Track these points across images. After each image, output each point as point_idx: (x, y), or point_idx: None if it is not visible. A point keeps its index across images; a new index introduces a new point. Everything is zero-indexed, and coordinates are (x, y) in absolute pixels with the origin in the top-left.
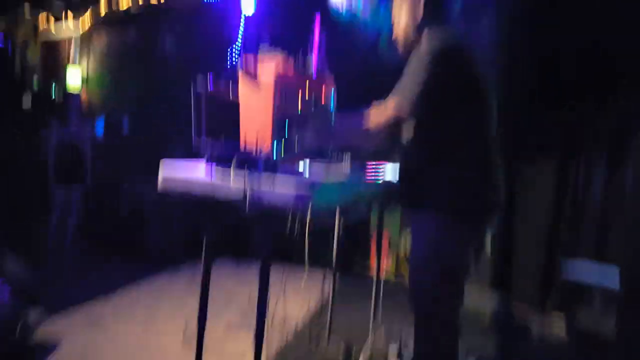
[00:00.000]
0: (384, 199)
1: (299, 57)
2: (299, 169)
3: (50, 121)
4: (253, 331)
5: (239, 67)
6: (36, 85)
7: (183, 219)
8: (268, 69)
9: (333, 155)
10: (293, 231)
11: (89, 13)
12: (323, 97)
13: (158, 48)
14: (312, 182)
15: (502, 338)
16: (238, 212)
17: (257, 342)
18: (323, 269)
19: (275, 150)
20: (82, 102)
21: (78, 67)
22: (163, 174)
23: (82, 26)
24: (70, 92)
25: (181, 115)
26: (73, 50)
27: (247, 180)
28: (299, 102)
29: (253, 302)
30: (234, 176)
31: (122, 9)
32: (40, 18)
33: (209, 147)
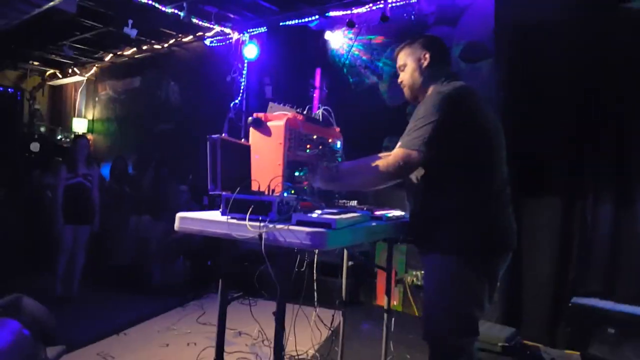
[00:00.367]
0: (393, 235)
1: (307, 110)
2: (312, 215)
3: (58, 165)
4: None
5: (249, 123)
6: (44, 129)
7: (190, 257)
8: (278, 119)
9: (341, 202)
10: (302, 269)
11: (95, 63)
12: (330, 145)
13: (162, 93)
14: (325, 222)
15: None
16: (254, 252)
17: None
18: (332, 305)
19: (286, 193)
20: (89, 146)
21: (84, 115)
22: (180, 223)
23: (89, 74)
24: (77, 137)
25: (186, 160)
26: (79, 96)
27: (262, 226)
28: (308, 149)
29: (262, 336)
30: (250, 224)
31: (127, 57)
32: (48, 68)
33: (224, 200)
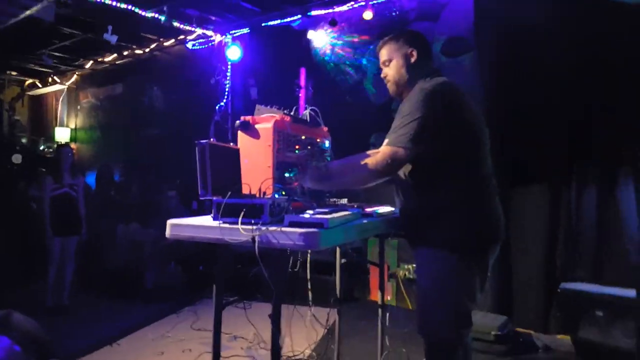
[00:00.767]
0: (385, 231)
1: (294, 111)
2: (304, 215)
3: (43, 176)
4: None
5: (237, 126)
6: (25, 140)
7: (179, 262)
8: (266, 121)
9: (332, 201)
10: (296, 270)
11: (76, 70)
12: (319, 145)
13: (146, 99)
14: (318, 222)
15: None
16: (247, 254)
17: None
18: (327, 303)
19: (277, 194)
20: (73, 156)
21: (66, 124)
22: (171, 230)
23: (69, 82)
24: (60, 146)
25: (173, 165)
26: (61, 105)
27: (255, 229)
28: (297, 150)
29: (258, 339)
30: (242, 227)
31: (108, 64)
32: (27, 78)
33: (215, 205)
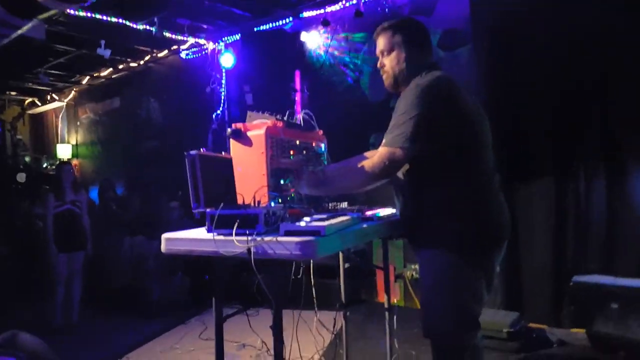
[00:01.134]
0: (386, 233)
1: (288, 115)
2: (300, 223)
3: (46, 193)
4: None
5: (228, 135)
6: (28, 159)
7: (185, 273)
8: (257, 127)
9: (331, 205)
10: (299, 276)
11: (73, 87)
12: (315, 149)
13: (143, 111)
14: (314, 230)
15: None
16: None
17: None
18: (333, 307)
19: (273, 203)
20: (74, 172)
21: (67, 140)
22: (166, 245)
23: (68, 99)
24: (60, 164)
25: (174, 176)
26: (60, 122)
27: (250, 240)
28: (292, 155)
29: (266, 346)
30: (237, 239)
31: (104, 78)
32: (27, 97)
33: (209, 217)
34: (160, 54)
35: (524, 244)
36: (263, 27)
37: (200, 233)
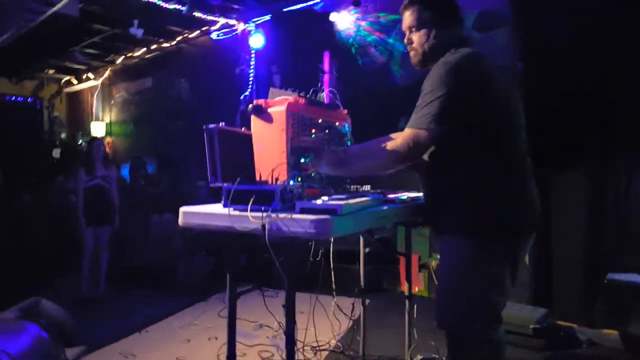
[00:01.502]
0: (409, 218)
1: (311, 93)
2: (317, 201)
3: (78, 168)
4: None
5: (249, 111)
6: (64, 135)
7: (209, 252)
8: (279, 104)
9: (353, 187)
10: (317, 258)
11: (108, 66)
12: (337, 129)
13: (174, 91)
14: (331, 209)
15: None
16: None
17: None
18: (352, 293)
19: (293, 181)
20: (105, 148)
21: (101, 118)
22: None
23: (102, 78)
24: (92, 139)
25: (202, 155)
26: (95, 101)
27: (265, 216)
28: (313, 134)
29: (283, 328)
30: (252, 215)
31: (137, 58)
32: (64, 76)
33: (225, 192)
34: (191, 35)
35: (557, 236)
36: (293, 7)
37: (216, 208)
